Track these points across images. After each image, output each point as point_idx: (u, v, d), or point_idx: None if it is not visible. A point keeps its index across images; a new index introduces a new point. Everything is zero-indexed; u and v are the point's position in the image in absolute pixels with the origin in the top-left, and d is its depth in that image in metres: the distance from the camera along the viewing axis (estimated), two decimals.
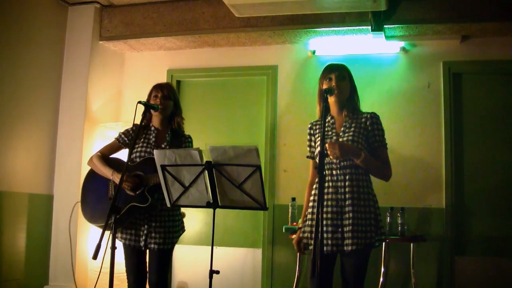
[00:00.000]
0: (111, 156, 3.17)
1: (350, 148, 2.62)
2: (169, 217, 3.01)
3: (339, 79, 2.75)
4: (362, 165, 2.63)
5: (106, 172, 3.03)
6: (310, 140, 2.88)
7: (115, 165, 3.06)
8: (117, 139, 3.16)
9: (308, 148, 2.89)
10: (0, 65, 4.24)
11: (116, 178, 2.97)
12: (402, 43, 4.67)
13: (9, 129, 4.32)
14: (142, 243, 2.96)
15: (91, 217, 3.04)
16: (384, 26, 4.27)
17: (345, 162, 2.66)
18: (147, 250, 3.01)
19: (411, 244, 4.13)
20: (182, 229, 3.14)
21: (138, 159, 3.01)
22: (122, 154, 3.16)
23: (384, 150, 2.74)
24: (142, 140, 3.07)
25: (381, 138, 2.74)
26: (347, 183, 2.64)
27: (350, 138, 2.68)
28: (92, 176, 3.16)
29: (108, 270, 2.55)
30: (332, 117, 2.81)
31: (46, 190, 4.73)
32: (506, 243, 4.34)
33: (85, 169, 4.68)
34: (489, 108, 4.56)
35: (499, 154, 4.47)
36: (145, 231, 2.96)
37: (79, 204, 3.22)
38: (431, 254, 4.40)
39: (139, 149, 3.04)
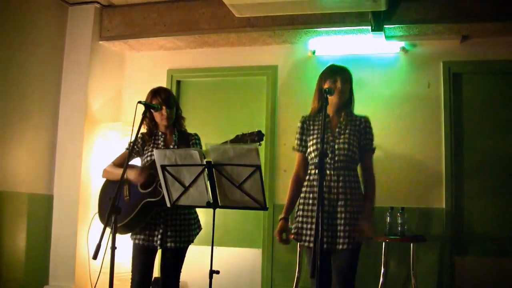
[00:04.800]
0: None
1: (371, 219, 2.74)
2: (185, 215, 3.05)
3: (344, 82, 2.80)
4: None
5: (119, 172, 3.01)
6: (301, 134, 2.91)
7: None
8: (127, 148, 3.18)
9: (296, 141, 2.92)
10: (0, 65, 4.24)
11: (129, 174, 2.95)
12: (402, 43, 4.67)
13: (9, 129, 4.32)
14: (157, 243, 2.97)
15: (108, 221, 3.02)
16: (384, 26, 4.27)
17: (338, 164, 2.74)
18: (159, 250, 3.04)
19: (411, 244, 4.12)
20: (199, 228, 3.18)
21: (149, 163, 3.03)
22: (136, 163, 3.16)
23: (371, 155, 2.87)
24: (151, 145, 3.10)
25: (370, 142, 2.85)
26: (340, 184, 2.71)
27: (346, 140, 2.76)
28: (106, 186, 3.17)
29: (108, 270, 2.55)
30: (328, 116, 2.84)
31: (46, 190, 4.73)
32: (506, 243, 4.34)
33: (85, 169, 4.77)
34: (489, 108, 4.56)
35: (499, 153, 4.47)
36: (161, 231, 2.98)
37: (97, 215, 3.20)
38: (431, 254, 4.40)
39: (149, 153, 3.07)
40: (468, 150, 4.54)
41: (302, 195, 2.84)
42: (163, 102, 3.05)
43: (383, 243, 4.07)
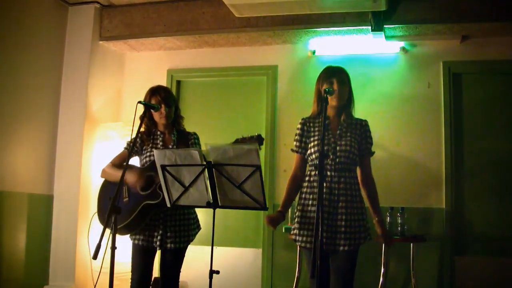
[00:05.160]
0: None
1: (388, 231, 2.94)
2: (184, 215, 3.06)
3: (341, 84, 2.79)
4: None
5: (118, 174, 3.00)
6: (301, 135, 2.90)
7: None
8: (125, 148, 3.18)
9: (296, 143, 2.91)
10: (0, 65, 4.23)
11: (127, 177, 2.94)
12: (402, 43, 4.67)
13: (9, 129, 4.31)
14: (157, 243, 2.98)
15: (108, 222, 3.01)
16: (384, 26, 4.27)
17: (340, 165, 2.75)
18: (159, 251, 3.04)
19: (411, 244, 4.13)
20: (198, 227, 3.19)
21: (148, 164, 3.03)
22: (134, 161, 3.16)
23: (369, 158, 2.89)
24: (150, 145, 3.10)
25: (370, 146, 2.88)
26: (341, 185, 2.72)
27: (348, 142, 2.77)
28: (105, 186, 3.17)
29: (108, 270, 2.55)
30: (328, 118, 2.84)
31: (46, 190, 4.72)
32: (506, 243, 4.34)
33: (85, 169, 4.77)
34: (489, 108, 4.56)
35: (499, 154, 4.47)
36: (160, 231, 2.99)
37: (96, 215, 3.21)
38: (431, 254, 4.40)
39: (147, 153, 3.07)
40: (468, 150, 4.54)
41: (302, 195, 2.84)
42: (162, 100, 3.05)
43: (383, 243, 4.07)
